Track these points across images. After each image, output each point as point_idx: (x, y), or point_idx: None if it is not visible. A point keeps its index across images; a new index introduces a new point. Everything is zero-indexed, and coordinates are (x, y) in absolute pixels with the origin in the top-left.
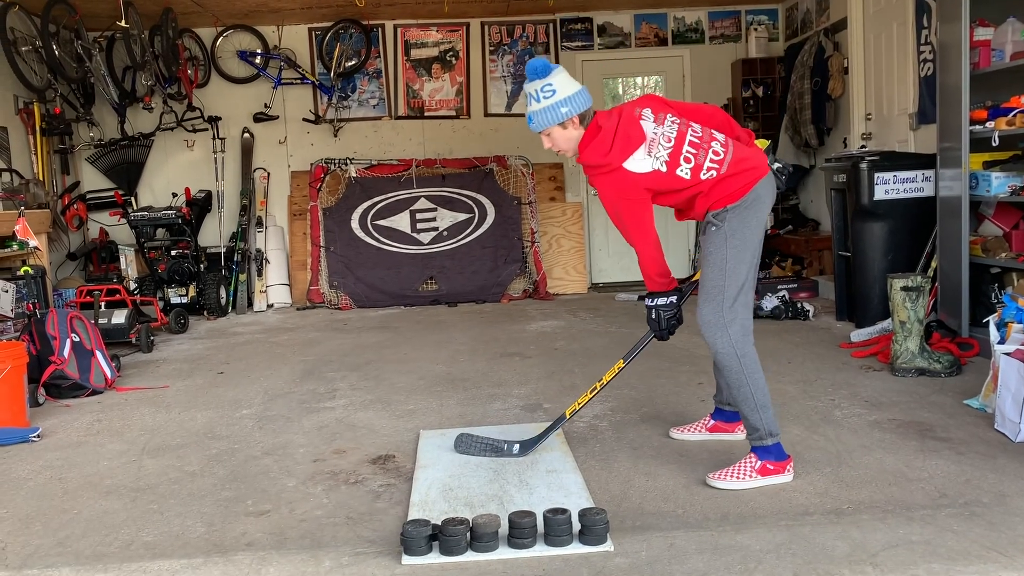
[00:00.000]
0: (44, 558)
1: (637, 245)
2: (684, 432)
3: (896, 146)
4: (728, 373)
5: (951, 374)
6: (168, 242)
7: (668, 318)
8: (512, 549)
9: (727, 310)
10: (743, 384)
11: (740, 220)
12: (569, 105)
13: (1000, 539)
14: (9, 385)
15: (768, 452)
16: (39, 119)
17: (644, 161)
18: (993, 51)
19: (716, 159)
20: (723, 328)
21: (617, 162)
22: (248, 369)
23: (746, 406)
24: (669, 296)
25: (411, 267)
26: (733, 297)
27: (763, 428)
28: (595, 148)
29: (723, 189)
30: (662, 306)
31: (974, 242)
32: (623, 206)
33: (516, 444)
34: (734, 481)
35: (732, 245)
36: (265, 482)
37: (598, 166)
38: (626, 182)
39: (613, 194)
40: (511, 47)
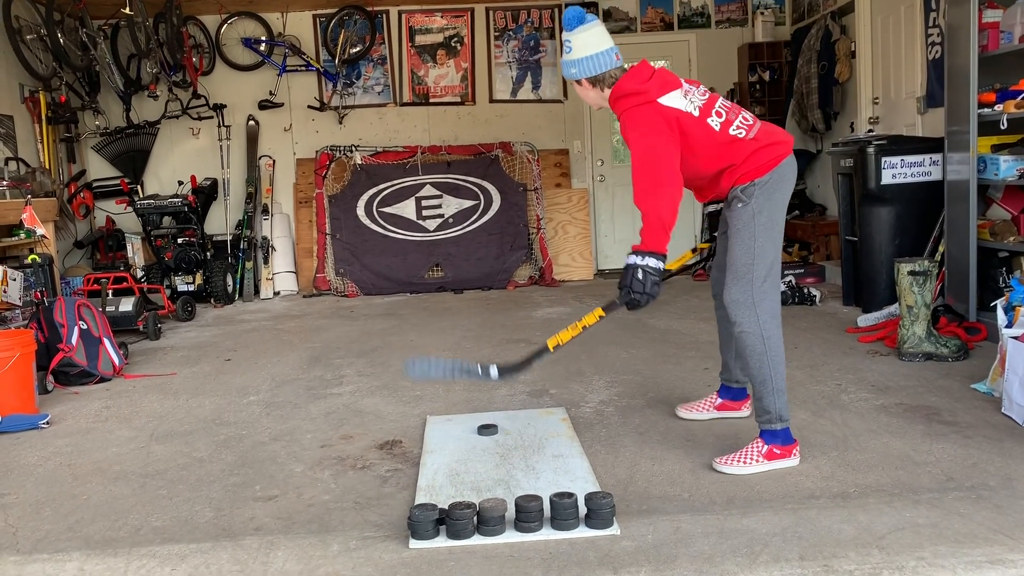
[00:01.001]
0: (54, 543)
1: (662, 185)
2: (691, 411)
3: (904, 130)
4: (751, 355)
5: (958, 358)
6: (174, 230)
7: (653, 283)
8: (519, 533)
9: (757, 289)
10: (764, 366)
11: (767, 197)
12: (578, 67)
13: (1007, 522)
14: (18, 373)
15: (775, 436)
16: (45, 107)
17: (679, 100)
18: (1002, 33)
19: (746, 122)
20: (752, 308)
21: (654, 94)
22: (255, 356)
23: (764, 388)
24: (659, 260)
25: (417, 254)
26: (763, 277)
27: (775, 412)
28: (632, 76)
29: (750, 162)
30: (650, 269)
31: (982, 226)
32: (654, 139)
33: (493, 366)
34: (740, 466)
35: (760, 223)
36: (273, 467)
37: (634, 93)
38: (661, 115)
39: (646, 126)
40: (516, 32)
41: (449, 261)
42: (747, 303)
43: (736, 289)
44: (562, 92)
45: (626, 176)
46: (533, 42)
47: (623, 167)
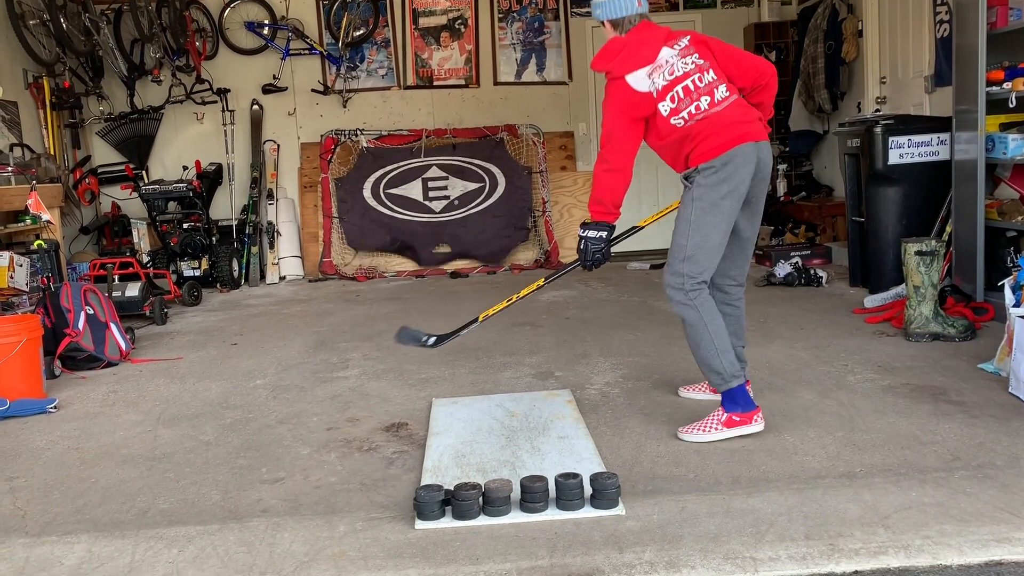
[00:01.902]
0: (63, 525)
1: (609, 162)
2: (691, 391)
3: (911, 109)
4: (688, 327)
5: (965, 338)
6: (180, 215)
7: (594, 251)
8: (524, 513)
9: (684, 265)
10: (704, 333)
11: (708, 185)
12: (601, 8)
13: (1013, 501)
14: (25, 358)
15: (735, 403)
16: (49, 93)
17: (643, 81)
18: (1011, 10)
19: (695, 113)
20: (680, 288)
21: (618, 71)
22: (261, 340)
23: (708, 352)
24: (600, 230)
25: (423, 235)
26: (691, 256)
27: (725, 372)
28: (603, 53)
29: (700, 147)
30: (591, 239)
31: (990, 206)
32: (615, 120)
33: (433, 337)
34: (700, 434)
35: (697, 207)
36: (279, 450)
37: (605, 68)
38: (626, 95)
39: (612, 105)
40: (520, 14)
41: (455, 241)
42: (675, 285)
43: (668, 272)
44: (567, 74)
45: None
46: (537, 24)
47: None
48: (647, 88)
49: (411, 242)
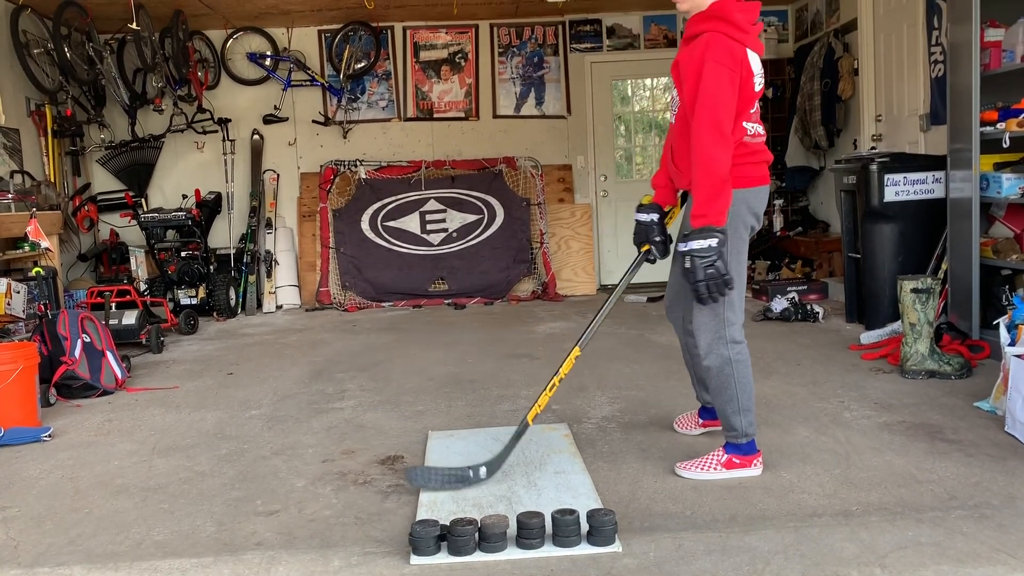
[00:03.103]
0: (56, 556)
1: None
2: (682, 427)
3: (906, 147)
4: (716, 376)
5: (961, 376)
6: (178, 243)
7: (705, 266)
8: (520, 549)
9: (728, 311)
10: (729, 387)
11: (741, 217)
12: None
13: (1010, 541)
14: (21, 385)
15: (739, 448)
16: (51, 121)
17: (757, 65)
18: (1004, 52)
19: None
20: (721, 333)
21: (748, 42)
22: (257, 370)
23: (729, 407)
24: (709, 237)
25: (421, 268)
26: (732, 298)
27: (740, 430)
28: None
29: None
30: (698, 252)
31: (985, 244)
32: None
33: (482, 467)
34: (699, 472)
35: (730, 243)
36: (274, 482)
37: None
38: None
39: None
40: (520, 49)
41: (453, 275)
42: (715, 328)
43: (703, 314)
44: (566, 108)
45: (628, 191)
46: (537, 58)
47: (626, 182)
48: (757, 75)
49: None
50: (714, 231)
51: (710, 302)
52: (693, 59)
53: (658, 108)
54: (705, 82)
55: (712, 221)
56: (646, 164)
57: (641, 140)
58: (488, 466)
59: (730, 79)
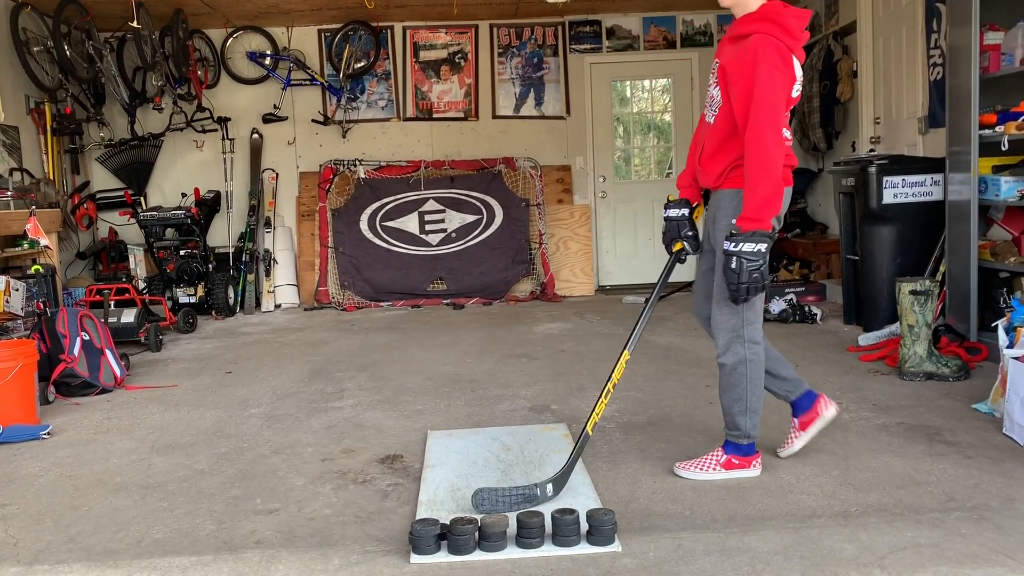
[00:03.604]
0: (55, 554)
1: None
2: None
3: (905, 150)
4: (730, 374)
5: (959, 378)
6: (177, 242)
7: (751, 270)
8: (520, 549)
9: (748, 311)
10: (740, 386)
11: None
12: None
13: (1008, 543)
14: (20, 383)
15: (738, 449)
16: (50, 119)
17: (799, 70)
18: (1003, 55)
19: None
20: (739, 334)
21: (795, 48)
22: (256, 369)
23: (736, 407)
24: (759, 242)
25: (419, 268)
26: (754, 300)
27: (744, 430)
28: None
29: None
30: (747, 255)
31: (983, 246)
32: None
33: (548, 484)
34: (697, 472)
35: None
36: (274, 481)
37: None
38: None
39: (782, 65)
40: (519, 49)
41: (452, 275)
42: (735, 327)
43: (724, 313)
44: (565, 109)
45: (628, 192)
46: (536, 59)
47: (625, 183)
48: (799, 78)
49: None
50: (765, 236)
51: (742, 303)
52: (744, 61)
53: (657, 109)
54: (761, 85)
55: (764, 226)
56: (644, 165)
57: (640, 141)
58: (554, 483)
59: (782, 82)
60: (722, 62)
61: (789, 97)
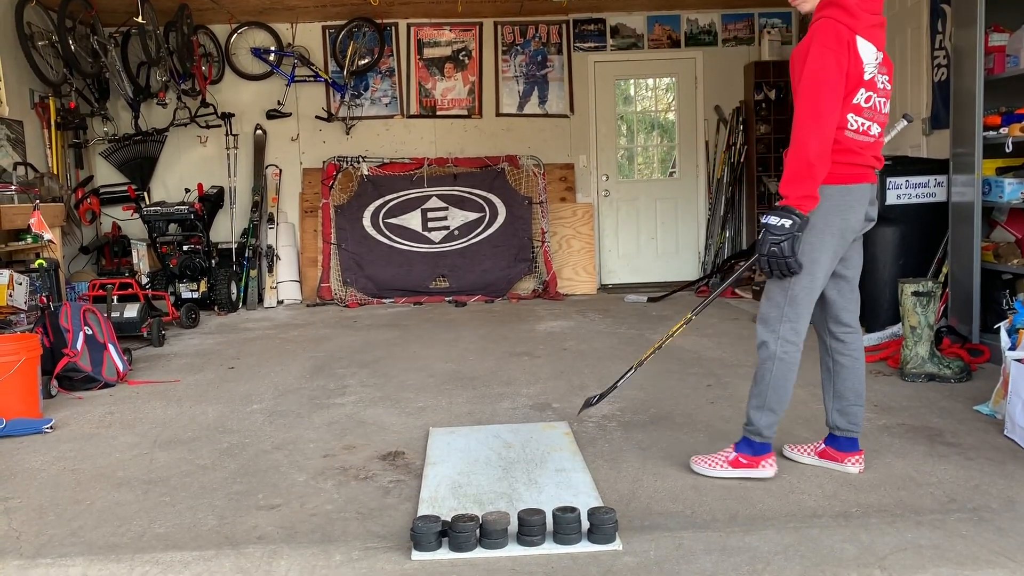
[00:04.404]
0: (58, 547)
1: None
2: (794, 451)
3: (909, 151)
4: (760, 367)
5: (961, 380)
6: (180, 237)
7: (771, 244)
8: (521, 547)
9: (788, 306)
10: (763, 381)
11: (823, 215)
12: None
13: (1009, 544)
14: (23, 377)
15: (751, 447)
16: (54, 113)
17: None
18: (1008, 57)
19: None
20: (776, 327)
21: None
22: (258, 364)
23: (754, 400)
24: (786, 217)
25: (422, 265)
26: (796, 295)
27: (756, 425)
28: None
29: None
30: (772, 227)
31: (986, 248)
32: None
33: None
34: (706, 468)
35: (808, 240)
36: (276, 476)
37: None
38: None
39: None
40: (524, 47)
41: (454, 273)
42: (774, 321)
43: (767, 305)
44: (569, 107)
45: (631, 191)
46: (540, 57)
47: (628, 182)
48: (867, 63)
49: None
50: (793, 213)
51: (772, 277)
52: (803, 46)
53: (660, 108)
54: (809, 65)
55: (793, 203)
56: (648, 164)
57: (643, 140)
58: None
59: (836, 61)
60: (793, 51)
61: (856, 80)
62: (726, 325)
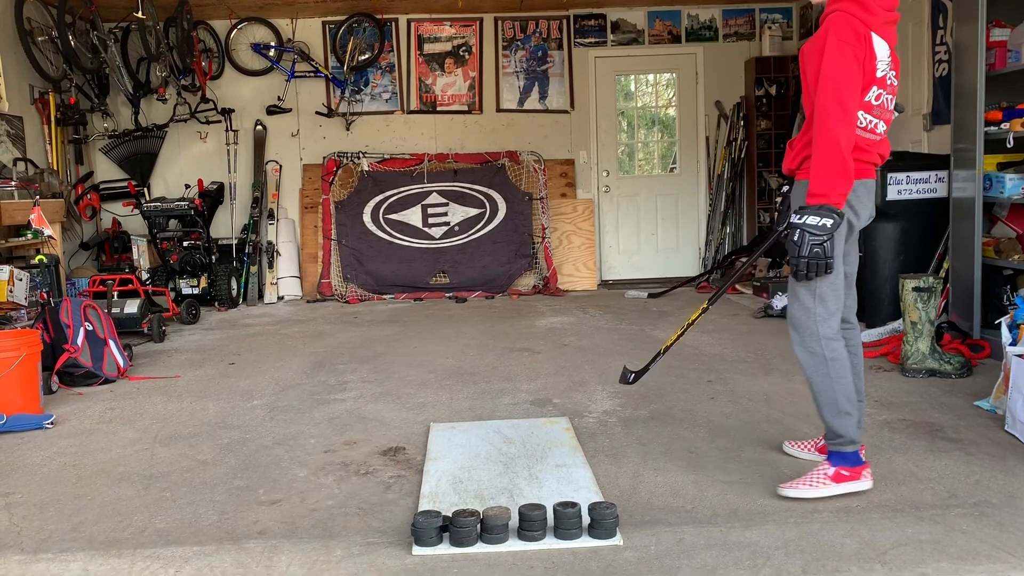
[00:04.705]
0: (59, 543)
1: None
2: (794, 447)
3: (910, 147)
4: (813, 376)
5: (962, 375)
6: (180, 233)
7: (814, 245)
8: (522, 541)
9: (819, 305)
10: (827, 388)
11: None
12: None
13: (1009, 539)
14: (23, 372)
15: (844, 459)
16: (54, 109)
17: (882, 50)
18: (1009, 52)
19: (871, 128)
20: (814, 326)
21: (874, 24)
22: (259, 360)
23: (828, 411)
24: (826, 216)
25: (422, 261)
26: (823, 295)
27: (846, 435)
28: None
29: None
30: (811, 228)
31: (987, 244)
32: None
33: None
34: (807, 489)
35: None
36: (276, 472)
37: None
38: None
39: (850, 38)
40: (524, 43)
41: (454, 269)
42: (806, 323)
43: (795, 307)
44: (569, 103)
45: (631, 187)
46: (541, 52)
47: (628, 178)
48: (880, 58)
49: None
50: (832, 211)
51: (804, 280)
52: (818, 40)
53: (661, 104)
54: (827, 59)
55: (830, 200)
56: (648, 160)
57: (644, 135)
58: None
59: (854, 55)
60: (806, 45)
61: (869, 76)
62: (726, 321)
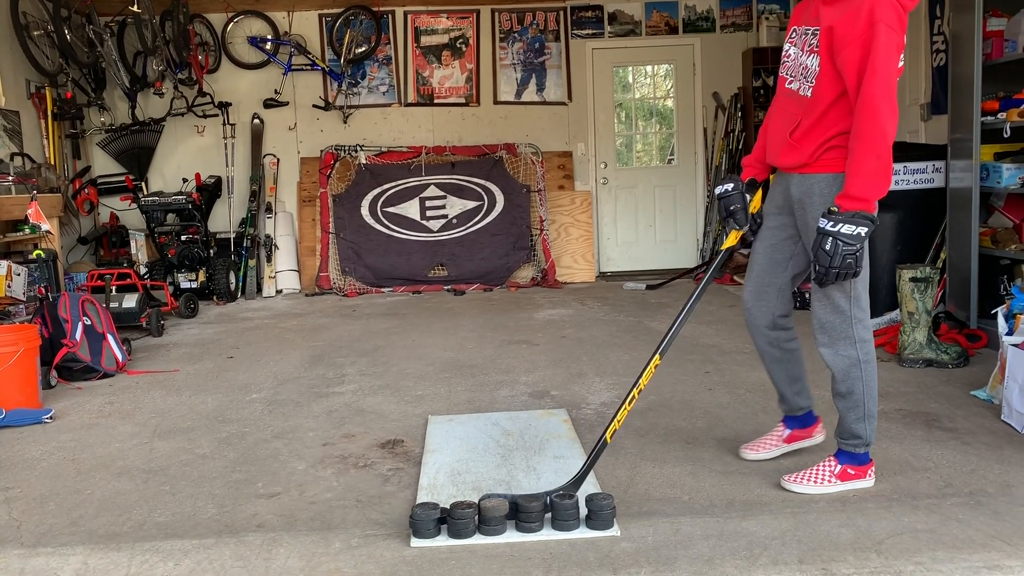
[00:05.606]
0: (58, 536)
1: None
2: (758, 451)
3: (907, 137)
4: (843, 379)
5: (958, 365)
6: (178, 227)
7: (846, 255)
8: (520, 533)
9: (853, 307)
10: (856, 391)
11: None
12: None
13: (1005, 528)
14: (22, 367)
15: (854, 458)
16: (51, 103)
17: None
18: (1006, 42)
19: None
20: (847, 329)
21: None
22: (257, 354)
23: (853, 414)
24: (861, 224)
25: (420, 254)
26: (858, 293)
27: (865, 438)
28: None
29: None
30: (845, 237)
31: (984, 234)
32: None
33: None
34: (813, 486)
35: None
36: (275, 465)
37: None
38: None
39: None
40: (521, 34)
41: (452, 261)
42: (841, 326)
43: (826, 311)
44: (567, 95)
45: (629, 179)
46: (538, 44)
47: (627, 170)
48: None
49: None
50: (868, 218)
51: (827, 285)
52: (856, 22)
53: (659, 95)
54: (878, 48)
55: (868, 207)
56: (646, 152)
57: (642, 127)
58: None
59: (899, 47)
60: (828, 24)
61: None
62: (724, 312)
